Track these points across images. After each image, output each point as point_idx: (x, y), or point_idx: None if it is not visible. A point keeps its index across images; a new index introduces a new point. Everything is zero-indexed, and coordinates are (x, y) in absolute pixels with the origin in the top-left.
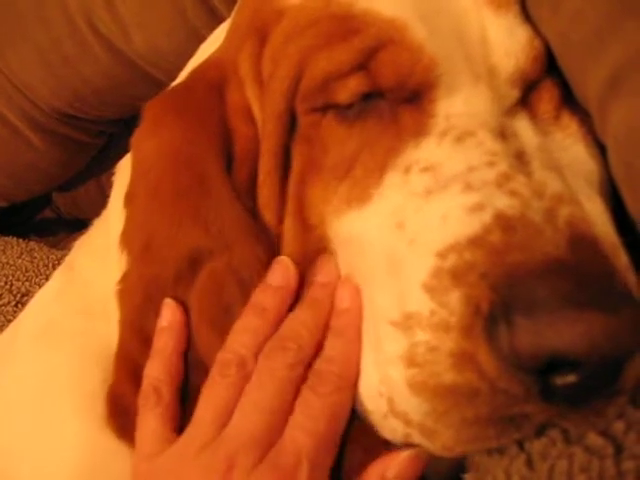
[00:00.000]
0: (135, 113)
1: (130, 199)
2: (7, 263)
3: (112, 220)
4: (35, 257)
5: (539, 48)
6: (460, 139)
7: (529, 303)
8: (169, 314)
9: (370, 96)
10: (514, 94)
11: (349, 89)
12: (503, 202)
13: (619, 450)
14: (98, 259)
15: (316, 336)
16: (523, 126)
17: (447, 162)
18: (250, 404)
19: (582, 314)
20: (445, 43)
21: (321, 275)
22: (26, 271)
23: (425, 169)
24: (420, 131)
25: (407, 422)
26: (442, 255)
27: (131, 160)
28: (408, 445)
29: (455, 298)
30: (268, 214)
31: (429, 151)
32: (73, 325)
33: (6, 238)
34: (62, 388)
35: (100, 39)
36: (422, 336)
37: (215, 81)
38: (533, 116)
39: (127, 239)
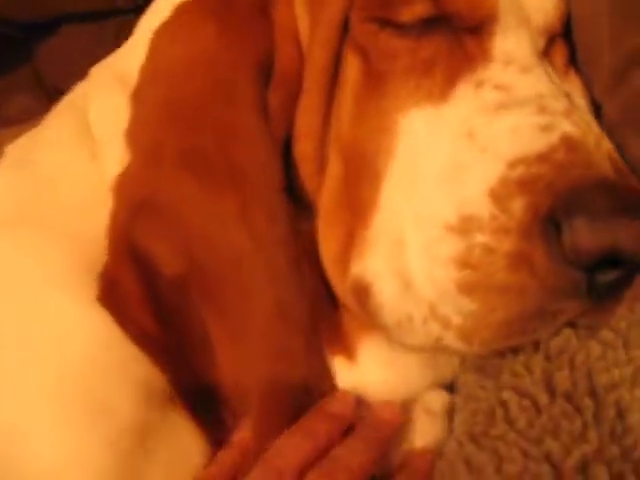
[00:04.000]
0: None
1: (142, 98)
2: None
3: (96, 119)
4: None
5: (563, 9)
6: (524, 70)
7: (590, 209)
8: None
9: (430, 21)
10: (541, 43)
11: (414, 11)
12: (569, 127)
13: (626, 343)
14: (65, 153)
15: (367, 472)
16: (551, 71)
17: (518, 85)
18: None
19: (633, 221)
20: None
21: (384, 412)
22: None
23: (497, 87)
24: (486, 56)
25: (445, 325)
26: (511, 165)
27: (149, 57)
28: (436, 348)
29: (518, 204)
30: (307, 143)
31: (498, 73)
32: (45, 215)
33: None
34: (48, 273)
35: None
36: (480, 238)
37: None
38: (551, 66)
39: (134, 136)
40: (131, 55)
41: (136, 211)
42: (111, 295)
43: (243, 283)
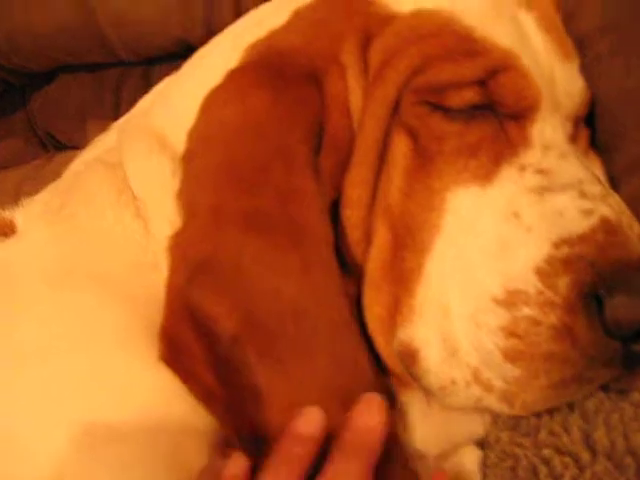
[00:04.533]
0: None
1: (195, 160)
2: None
3: (136, 178)
4: None
5: (588, 95)
6: (562, 156)
7: (629, 287)
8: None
9: (476, 107)
10: (569, 127)
11: (463, 98)
12: (607, 211)
13: None
14: (107, 210)
15: None
16: (580, 156)
17: (559, 170)
18: None
19: None
20: (540, 76)
21: (368, 417)
22: None
23: (539, 171)
24: (526, 142)
25: (488, 388)
26: (556, 245)
27: (201, 121)
28: (477, 408)
29: (564, 281)
30: (355, 210)
31: (538, 158)
32: (98, 273)
33: None
34: (106, 331)
35: None
36: (527, 311)
37: (311, 68)
38: (577, 148)
39: (189, 197)
40: (172, 116)
41: (195, 271)
42: (173, 354)
43: (304, 336)
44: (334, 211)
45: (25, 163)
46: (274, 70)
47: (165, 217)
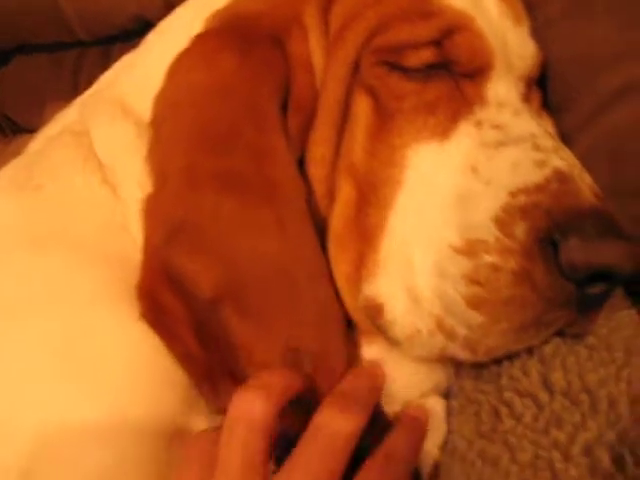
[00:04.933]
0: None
1: (163, 124)
2: None
3: (102, 145)
4: None
5: (541, 58)
6: (516, 113)
7: (582, 232)
8: None
9: (433, 66)
10: (521, 88)
11: (420, 58)
12: (559, 162)
13: (608, 346)
14: (74, 178)
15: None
16: (534, 114)
17: (513, 126)
18: None
19: (618, 241)
20: (493, 37)
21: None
22: None
23: (495, 127)
24: (482, 100)
25: (451, 336)
26: (514, 195)
27: (168, 86)
28: (441, 357)
29: (521, 228)
30: (319, 168)
31: (494, 115)
32: (71, 236)
33: None
34: (88, 291)
35: None
36: (488, 258)
37: (274, 30)
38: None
39: (159, 160)
40: (135, 84)
41: (171, 232)
42: (154, 313)
43: (285, 291)
44: (300, 169)
45: None
46: (239, 34)
47: (134, 180)
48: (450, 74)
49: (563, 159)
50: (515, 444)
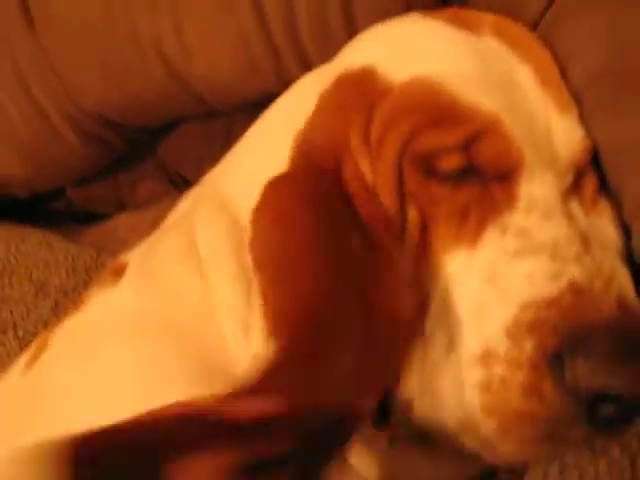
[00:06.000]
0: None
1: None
2: (27, 253)
3: (203, 240)
4: (54, 248)
5: (589, 145)
6: (544, 216)
7: (589, 351)
8: None
9: (464, 171)
10: (569, 179)
11: (450, 163)
12: (577, 273)
13: (633, 461)
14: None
15: None
16: (576, 208)
17: (536, 232)
18: None
19: (625, 365)
20: (525, 136)
21: None
22: (46, 261)
23: (519, 233)
24: (511, 203)
25: (476, 438)
26: (524, 308)
27: (255, 227)
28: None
29: (529, 343)
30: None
31: (520, 220)
32: (166, 327)
33: (23, 228)
34: (168, 368)
35: (164, 60)
36: (498, 370)
37: (331, 167)
38: (580, 198)
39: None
40: (235, 185)
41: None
42: None
43: None
44: None
45: (160, 202)
46: (301, 182)
47: (226, 282)
48: (481, 178)
49: (584, 268)
50: None
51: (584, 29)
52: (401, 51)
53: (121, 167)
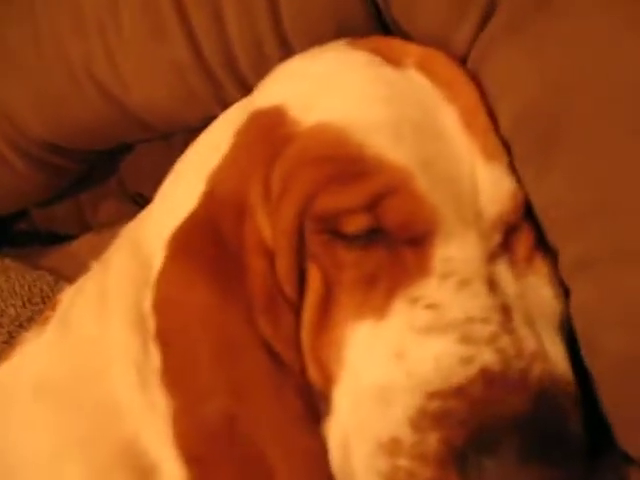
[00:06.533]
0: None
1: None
2: None
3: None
4: (10, 277)
5: (521, 198)
6: (460, 286)
7: (494, 450)
8: None
9: (372, 232)
10: (497, 238)
11: (356, 224)
12: (490, 358)
13: None
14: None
15: None
16: (504, 271)
17: (449, 305)
18: None
19: (531, 466)
20: (443, 192)
21: None
22: (1, 291)
23: (429, 306)
24: (423, 271)
25: None
26: (430, 397)
27: (158, 291)
28: None
29: (434, 437)
30: (291, 351)
31: (432, 290)
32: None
33: None
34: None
35: (97, 85)
36: (404, 462)
37: (231, 220)
38: (511, 258)
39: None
40: (150, 227)
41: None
42: None
43: None
44: None
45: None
46: (206, 249)
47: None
48: (391, 240)
49: (499, 351)
50: None
51: (512, 62)
52: (314, 90)
53: (83, 187)
